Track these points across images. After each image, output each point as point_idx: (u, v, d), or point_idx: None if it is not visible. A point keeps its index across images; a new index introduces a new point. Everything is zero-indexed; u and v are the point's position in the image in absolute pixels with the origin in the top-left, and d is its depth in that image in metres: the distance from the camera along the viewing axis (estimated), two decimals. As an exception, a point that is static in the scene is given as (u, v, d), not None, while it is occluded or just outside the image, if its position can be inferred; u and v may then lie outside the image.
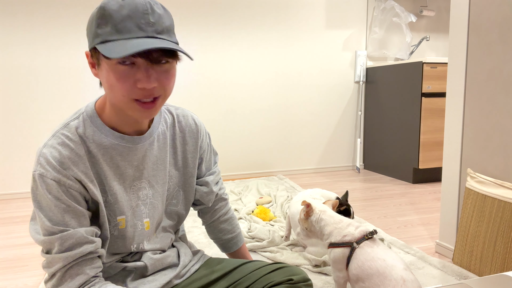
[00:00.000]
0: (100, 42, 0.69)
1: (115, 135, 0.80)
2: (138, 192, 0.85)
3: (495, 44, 1.43)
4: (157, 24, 0.70)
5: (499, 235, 1.34)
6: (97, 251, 0.77)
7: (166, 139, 0.90)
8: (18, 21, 2.62)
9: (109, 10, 0.68)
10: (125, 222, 0.84)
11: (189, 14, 2.94)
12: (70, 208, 0.74)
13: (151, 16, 0.69)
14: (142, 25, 0.68)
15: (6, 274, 1.58)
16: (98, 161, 0.79)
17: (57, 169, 0.73)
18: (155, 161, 0.88)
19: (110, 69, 0.70)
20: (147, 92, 0.72)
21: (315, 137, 3.38)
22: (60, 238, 0.73)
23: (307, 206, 1.22)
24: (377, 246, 1.07)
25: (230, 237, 1.11)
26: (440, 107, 2.82)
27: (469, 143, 1.56)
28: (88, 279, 0.75)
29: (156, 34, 0.70)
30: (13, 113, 2.68)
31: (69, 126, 0.78)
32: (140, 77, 0.70)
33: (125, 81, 0.70)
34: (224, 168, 3.16)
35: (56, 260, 0.73)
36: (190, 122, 0.96)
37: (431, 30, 3.57)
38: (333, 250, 1.12)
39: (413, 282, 0.97)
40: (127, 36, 0.68)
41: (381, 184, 2.93)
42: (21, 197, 2.74)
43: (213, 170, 1.03)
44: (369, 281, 1.01)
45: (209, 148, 1.02)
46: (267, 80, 3.19)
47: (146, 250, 0.89)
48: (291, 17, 3.18)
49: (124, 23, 0.67)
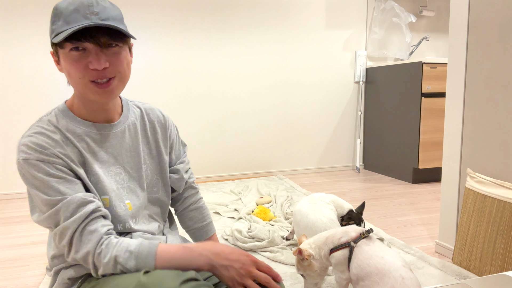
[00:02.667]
0: (54, 36, 0.78)
1: (87, 124, 0.87)
2: (116, 176, 0.90)
3: (495, 44, 1.43)
4: (101, 13, 0.78)
5: (499, 235, 1.34)
6: (101, 209, 0.81)
7: (136, 129, 0.97)
8: (17, 21, 2.62)
9: (60, 8, 0.78)
10: (109, 201, 0.87)
11: (189, 14, 2.94)
12: (62, 179, 0.79)
13: (95, 7, 0.78)
14: (87, 14, 0.77)
15: (6, 274, 1.58)
16: (76, 145, 0.84)
17: (38, 151, 0.78)
18: (128, 149, 0.93)
19: (65, 56, 0.79)
20: (100, 73, 0.80)
21: (315, 137, 3.38)
22: (62, 206, 0.77)
23: (299, 252, 1.17)
24: (374, 244, 1.08)
25: (200, 225, 1.14)
26: (440, 107, 2.83)
27: (469, 143, 1.56)
28: (102, 235, 0.78)
29: (100, 21, 0.77)
30: (13, 113, 2.68)
31: (43, 120, 0.85)
32: (91, 60, 0.78)
33: (78, 65, 0.78)
34: (224, 168, 3.17)
35: (67, 226, 0.77)
36: (158, 114, 1.04)
37: (431, 30, 3.57)
38: (333, 255, 1.13)
39: (412, 279, 0.97)
40: (74, 25, 0.76)
41: (381, 184, 2.93)
42: (21, 197, 2.74)
43: (183, 159, 1.09)
44: (368, 279, 1.01)
45: (177, 139, 1.09)
46: (267, 80, 3.19)
47: (135, 230, 0.90)
48: (291, 17, 3.18)
49: (72, 16, 0.76)
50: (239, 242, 1.76)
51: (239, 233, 1.80)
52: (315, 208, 1.56)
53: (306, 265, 1.18)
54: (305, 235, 1.30)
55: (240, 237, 1.78)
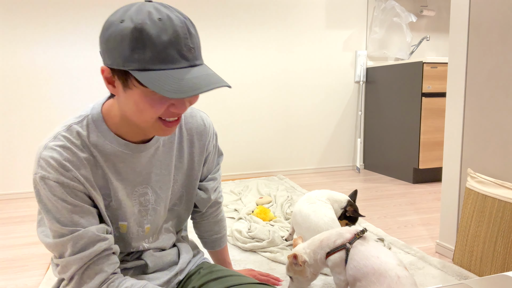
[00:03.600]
0: (136, 68, 0.63)
1: (120, 143, 0.78)
2: (140, 197, 0.84)
3: (495, 44, 1.42)
4: (196, 50, 0.67)
5: (499, 235, 1.33)
6: (111, 247, 0.76)
7: (172, 143, 0.88)
8: (18, 19, 2.62)
9: (148, 34, 0.62)
10: (126, 227, 0.83)
11: (189, 14, 2.94)
12: (77, 207, 0.72)
13: (190, 40, 0.65)
14: (184, 52, 0.64)
15: (6, 274, 1.58)
16: (102, 166, 0.77)
17: (59, 171, 0.71)
18: (159, 166, 0.86)
19: (144, 95, 0.66)
20: (176, 113, 0.71)
21: (315, 137, 3.38)
22: (72, 239, 0.71)
23: (295, 257, 1.17)
24: (369, 244, 1.08)
25: (216, 237, 1.12)
26: (440, 107, 2.82)
27: (469, 143, 1.56)
28: (107, 276, 0.74)
29: (195, 61, 0.67)
30: (13, 113, 2.68)
31: (72, 129, 0.75)
32: (176, 102, 0.68)
33: (160, 107, 0.67)
34: (224, 168, 3.16)
35: (71, 262, 0.72)
36: (199, 123, 0.93)
37: (431, 30, 3.57)
38: (330, 258, 1.13)
39: (407, 278, 0.98)
40: (170, 66, 0.63)
41: (381, 184, 2.93)
42: (21, 197, 2.74)
43: (214, 175, 1.02)
44: (365, 279, 1.02)
45: (214, 149, 1.00)
46: (267, 80, 3.19)
47: (146, 249, 0.89)
48: (291, 17, 3.18)
49: (166, 51, 0.63)
50: (239, 242, 1.76)
51: (239, 233, 1.80)
52: (315, 208, 1.56)
53: (298, 270, 1.17)
54: (301, 237, 1.29)
55: (240, 237, 1.77)
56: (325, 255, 1.14)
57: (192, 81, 0.63)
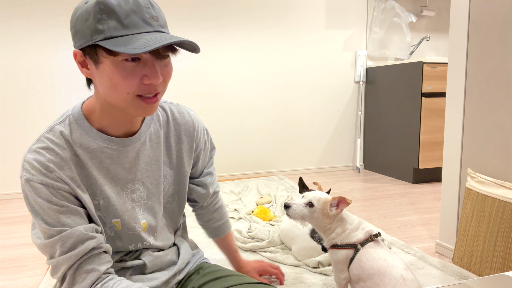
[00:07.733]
0: (103, 38, 0.65)
1: (104, 138, 0.78)
2: (132, 194, 0.84)
3: (495, 44, 1.42)
4: (159, 18, 0.69)
5: (499, 235, 1.34)
6: (101, 246, 0.76)
7: (159, 138, 0.87)
8: (17, 20, 2.62)
9: (110, 4, 0.65)
10: (120, 224, 0.83)
11: (189, 13, 2.94)
12: (64, 208, 0.73)
13: (152, 10, 0.68)
14: (148, 19, 0.67)
15: (6, 274, 1.58)
16: (86, 165, 0.77)
17: (43, 173, 0.71)
18: (148, 162, 0.85)
19: (115, 66, 0.67)
20: (152, 88, 0.71)
21: (315, 137, 3.38)
22: (60, 239, 0.72)
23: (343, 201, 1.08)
24: (381, 248, 1.07)
25: (218, 225, 1.14)
26: (440, 107, 2.82)
27: (469, 143, 1.56)
28: (100, 275, 0.74)
29: (161, 28, 0.69)
30: (13, 113, 2.68)
31: (54, 130, 0.76)
32: (147, 73, 0.69)
33: (132, 78, 0.68)
34: (224, 168, 3.16)
35: (61, 262, 0.72)
36: (187, 119, 0.93)
37: (431, 30, 3.57)
38: (336, 252, 1.10)
39: (413, 281, 0.97)
40: (135, 31, 0.65)
41: (381, 184, 2.93)
42: (21, 197, 2.74)
43: (209, 170, 1.02)
44: (369, 280, 1.01)
45: (205, 145, 0.99)
46: (267, 80, 3.19)
47: (145, 248, 0.88)
48: (291, 17, 3.18)
49: (130, 18, 0.65)
50: (239, 242, 1.76)
51: (239, 233, 1.80)
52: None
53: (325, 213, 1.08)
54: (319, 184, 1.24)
55: (240, 237, 1.77)
56: (330, 246, 1.10)
57: (154, 38, 0.65)
